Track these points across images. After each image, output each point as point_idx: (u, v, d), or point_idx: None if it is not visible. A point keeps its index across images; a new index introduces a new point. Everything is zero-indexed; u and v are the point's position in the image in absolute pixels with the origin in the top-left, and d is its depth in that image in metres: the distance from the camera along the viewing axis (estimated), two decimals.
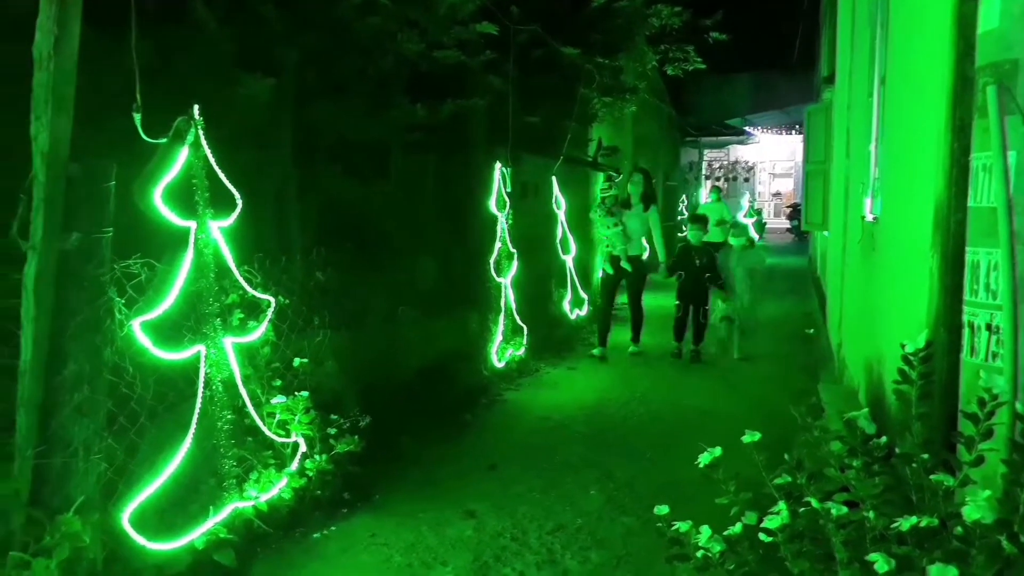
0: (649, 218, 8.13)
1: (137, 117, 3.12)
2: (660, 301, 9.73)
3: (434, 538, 3.93)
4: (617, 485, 4.61)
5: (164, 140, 3.29)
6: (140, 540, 3.12)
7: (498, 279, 7.15)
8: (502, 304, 7.23)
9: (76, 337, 2.97)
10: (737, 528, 2.09)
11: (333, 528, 4.00)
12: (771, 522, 1.88)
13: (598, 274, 9.15)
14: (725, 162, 31.95)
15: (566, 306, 9.02)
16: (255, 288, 3.92)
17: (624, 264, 7.97)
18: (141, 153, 3.29)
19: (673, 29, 10.30)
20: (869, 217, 4.76)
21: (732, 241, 8.36)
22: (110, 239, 3.07)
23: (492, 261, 7.09)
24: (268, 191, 5.59)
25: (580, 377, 7.34)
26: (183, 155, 3.37)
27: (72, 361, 2.97)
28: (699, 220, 8.38)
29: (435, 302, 6.80)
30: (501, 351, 7.13)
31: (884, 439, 2.13)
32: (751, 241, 8.54)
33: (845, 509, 1.81)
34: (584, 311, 9.34)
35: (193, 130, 3.41)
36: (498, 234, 7.16)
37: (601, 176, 8.72)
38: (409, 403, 5.56)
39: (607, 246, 8.08)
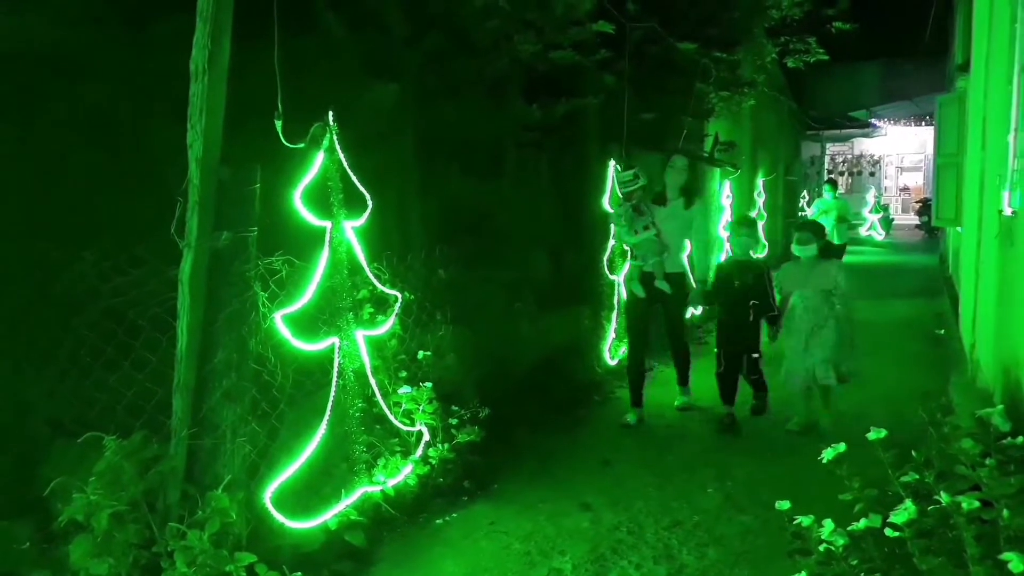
0: (692, 220, 5.82)
1: (279, 124, 3.35)
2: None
3: (551, 528, 4.02)
4: (735, 483, 4.57)
5: (302, 145, 3.51)
6: (280, 518, 3.35)
7: (611, 276, 7.18)
8: (615, 301, 7.25)
9: (225, 328, 3.23)
10: (862, 524, 2.07)
11: (454, 515, 4.16)
12: (898, 517, 1.86)
13: (621, 296, 7.09)
14: (849, 156, 30.67)
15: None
16: (383, 284, 4.12)
17: (660, 284, 5.70)
18: (281, 157, 3.54)
19: (794, 20, 10.03)
20: (1007, 211, 4.52)
21: (795, 249, 5.59)
22: (255, 238, 3.31)
23: (605, 258, 7.12)
24: (392, 191, 5.83)
25: (694, 375, 7.26)
26: (319, 159, 3.59)
27: (221, 350, 3.23)
28: (746, 224, 5.96)
29: (549, 298, 6.89)
30: (614, 349, 7.15)
31: (1020, 439, 2.06)
32: (826, 247, 5.85)
33: (977, 504, 1.78)
34: (699, 311, 9.22)
35: (328, 135, 3.62)
36: (611, 231, 7.19)
37: (621, 170, 6.15)
38: (525, 397, 5.68)
39: (634, 258, 5.95)
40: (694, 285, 5.85)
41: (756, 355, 5.67)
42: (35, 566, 3.03)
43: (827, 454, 2.29)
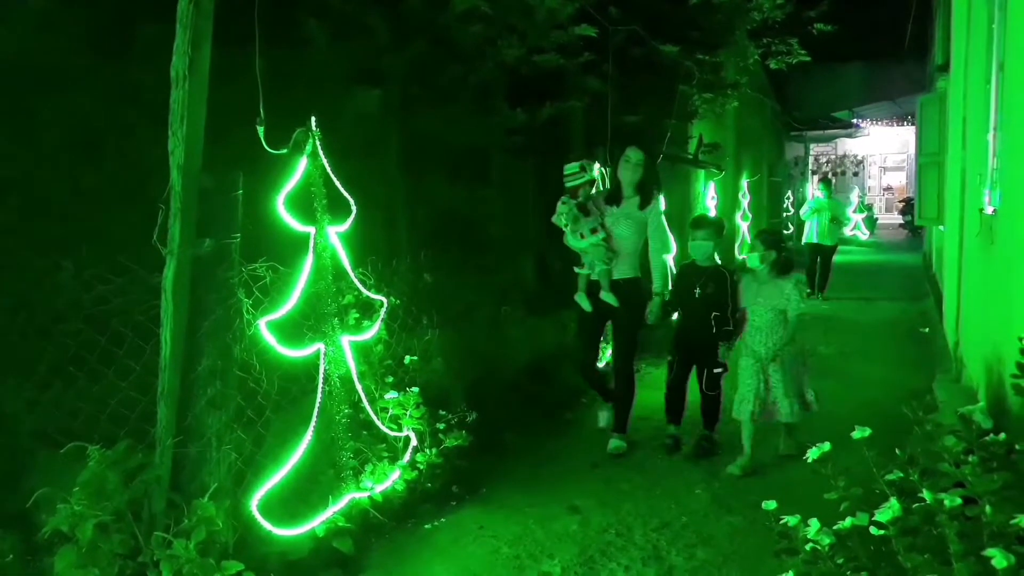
0: (648, 221, 5.06)
1: (260, 130, 3.33)
2: None
3: (541, 532, 4.02)
4: (722, 484, 4.58)
5: (284, 151, 3.50)
6: (267, 526, 3.33)
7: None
8: None
9: (209, 335, 3.22)
10: (847, 522, 2.08)
11: (443, 520, 4.15)
12: (883, 515, 1.87)
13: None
14: (832, 156, 30.87)
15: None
16: (369, 289, 4.11)
17: (605, 295, 4.99)
18: (264, 164, 3.52)
19: (775, 22, 10.09)
20: (988, 209, 4.57)
21: (749, 260, 4.98)
22: (239, 244, 3.30)
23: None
24: (377, 197, 5.82)
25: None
26: (302, 165, 3.57)
27: (206, 357, 3.22)
28: (702, 225, 5.17)
29: (536, 302, 6.90)
30: (602, 351, 7.15)
31: (1003, 436, 2.08)
32: (782, 261, 4.91)
33: (960, 501, 1.79)
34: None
35: (311, 141, 3.61)
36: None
37: (574, 165, 5.07)
38: (513, 401, 5.68)
39: (580, 265, 5.14)
40: (652, 297, 5.10)
41: (718, 370, 5.03)
42: None
43: (812, 453, 2.30)
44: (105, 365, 3.25)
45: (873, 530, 1.97)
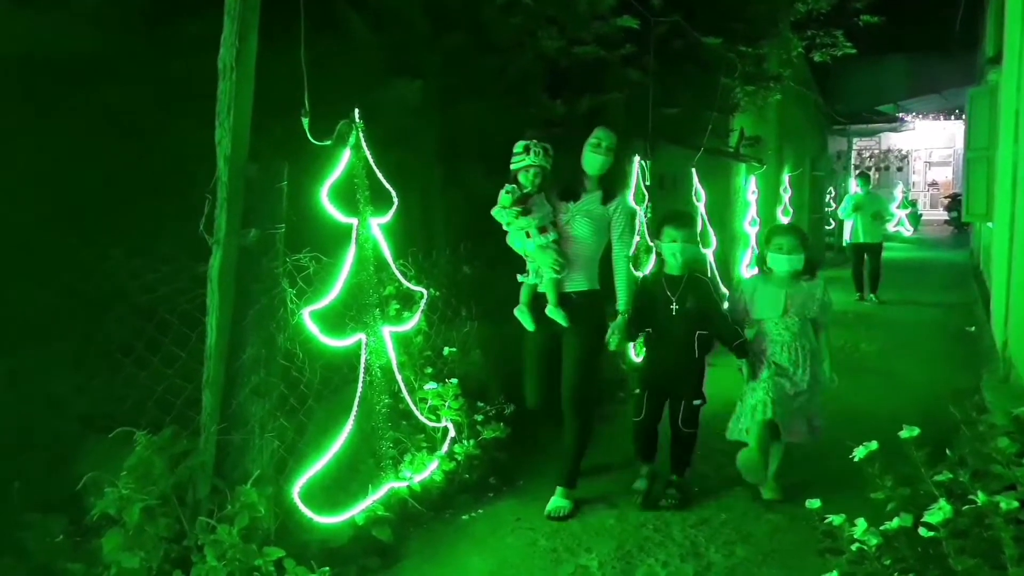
0: (613, 221, 4.13)
1: (305, 121, 3.36)
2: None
3: (577, 525, 4.01)
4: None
5: (328, 142, 3.52)
6: (308, 513, 3.37)
7: (636, 273, 7.13)
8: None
9: (254, 324, 3.26)
10: (895, 523, 2.04)
11: (480, 511, 4.16)
12: (932, 516, 1.83)
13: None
14: (876, 151, 30.30)
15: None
16: (409, 280, 4.13)
17: (552, 311, 4.03)
18: (308, 155, 3.55)
19: (820, 14, 9.91)
20: None
21: (772, 259, 4.37)
22: (283, 235, 3.33)
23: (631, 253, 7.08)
24: (416, 189, 5.84)
25: (717, 373, 7.22)
26: (345, 156, 3.60)
27: (250, 346, 3.26)
28: (678, 223, 4.26)
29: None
30: (639, 346, 7.11)
31: None
32: (810, 262, 4.36)
33: (1016, 503, 1.75)
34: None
35: (354, 132, 3.63)
36: (636, 227, 7.15)
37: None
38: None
39: (526, 273, 4.16)
40: (617, 313, 4.16)
41: (699, 401, 4.28)
42: (69, 559, 3.07)
43: (859, 452, 2.27)
44: (152, 352, 3.31)
45: (922, 531, 1.93)
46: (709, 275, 4.64)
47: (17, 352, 3.40)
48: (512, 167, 4.03)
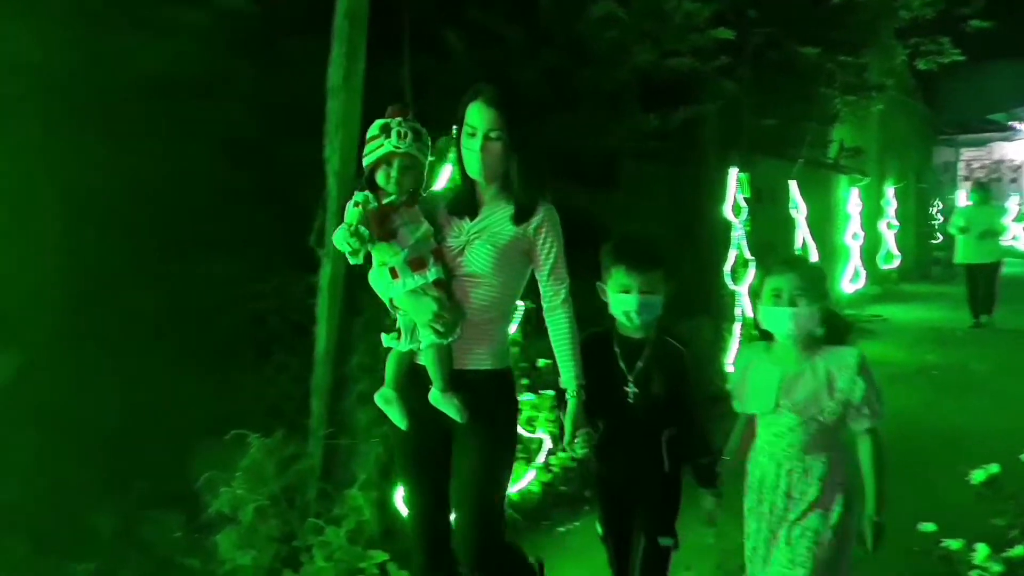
0: (536, 247, 2.56)
1: None
2: None
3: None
4: None
5: (431, 159, 3.61)
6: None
7: (733, 287, 7.03)
8: (737, 312, 7.09)
9: (360, 333, 3.38)
10: (1018, 550, 1.96)
11: (576, 523, 4.16)
12: None
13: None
14: (986, 161, 28.87)
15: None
16: None
17: (435, 398, 2.47)
18: None
19: (925, 20, 9.57)
20: None
21: (765, 314, 2.56)
22: None
23: (727, 268, 6.99)
24: None
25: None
26: (446, 171, 3.69)
27: (356, 354, 3.38)
28: (632, 256, 2.63)
29: (666, 309, 6.80)
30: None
31: None
32: (831, 321, 2.58)
33: None
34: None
35: (454, 148, 3.71)
36: (733, 241, 7.04)
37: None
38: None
39: (402, 335, 2.53)
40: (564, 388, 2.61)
41: (668, 541, 2.73)
42: (187, 554, 3.24)
43: (976, 476, 2.18)
44: (264, 359, 3.47)
45: None
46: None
47: (140, 356, 3.63)
48: (365, 160, 2.46)
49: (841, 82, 9.12)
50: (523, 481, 4.05)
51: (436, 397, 2.46)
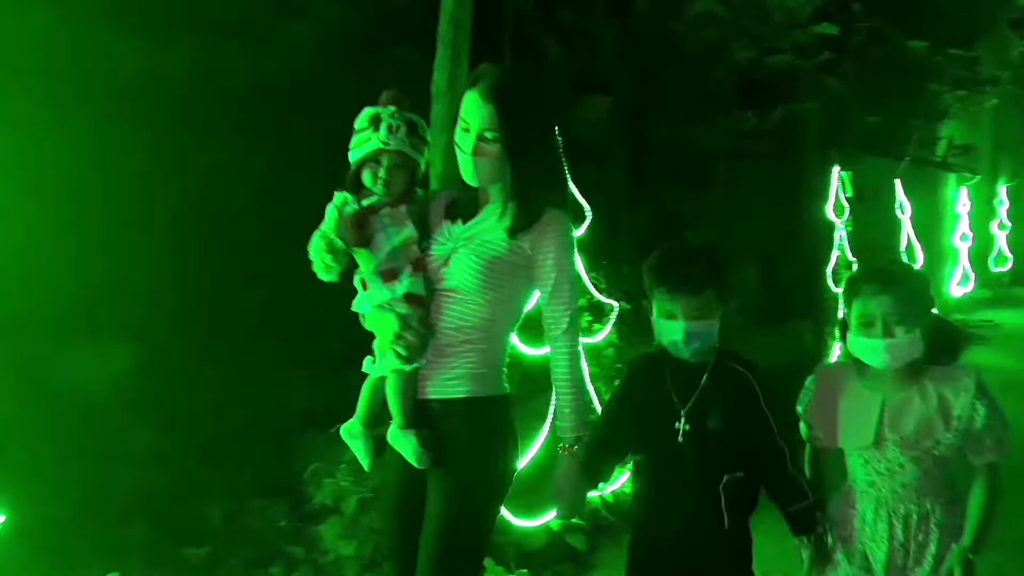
0: (537, 261, 2.06)
1: None
2: None
3: (773, 548, 3.85)
4: None
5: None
6: (507, 515, 3.49)
7: (836, 289, 6.82)
8: (840, 316, 6.88)
9: None
10: None
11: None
12: None
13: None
14: None
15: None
16: (601, 293, 4.19)
17: (395, 438, 2.04)
18: None
19: None
20: None
21: (857, 343, 2.04)
22: None
23: (829, 270, 6.79)
24: (603, 202, 5.91)
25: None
26: None
27: None
28: (675, 275, 2.05)
29: (762, 312, 6.67)
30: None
31: None
32: (940, 331, 2.06)
33: None
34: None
35: None
36: (836, 241, 6.84)
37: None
38: None
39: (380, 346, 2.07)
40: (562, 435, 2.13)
41: None
42: (291, 542, 3.37)
43: None
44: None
45: None
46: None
47: (248, 352, 3.79)
48: (351, 155, 2.08)
49: (951, 76, 8.73)
50: (617, 483, 4.02)
51: (395, 435, 2.04)
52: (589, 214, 3.95)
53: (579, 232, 3.92)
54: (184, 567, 3.26)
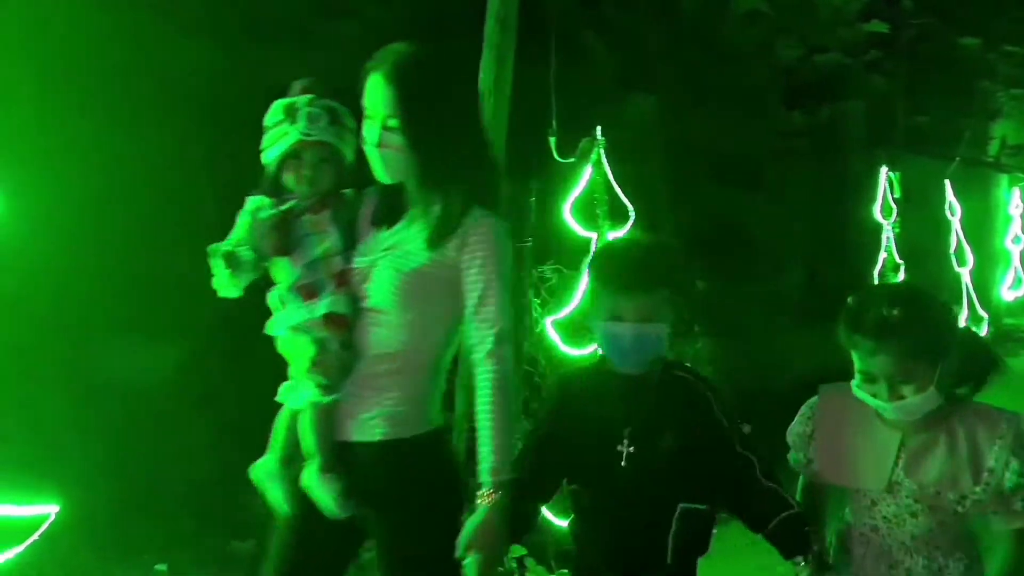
0: (463, 273, 1.73)
1: (552, 140, 3.52)
2: None
3: None
4: None
5: (573, 159, 3.66)
6: (547, 514, 3.49)
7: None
8: None
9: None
10: None
11: (713, 531, 4.08)
12: None
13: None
14: None
15: (961, 325, 8.10)
16: None
17: (310, 482, 1.74)
18: (551, 171, 3.71)
19: None
20: None
21: (862, 372, 1.66)
22: (532, 247, 3.50)
23: (876, 272, 6.67)
24: (646, 202, 5.88)
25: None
26: (587, 172, 3.71)
27: None
28: (624, 274, 1.76)
29: (806, 313, 6.57)
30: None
31: None
32: (972, 356, 1.70)
33: None
34: (984, 332, 8.27)
35: (596, 149, 3.74)
36: (883, 243, 6.72)
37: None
38: (786, 416, 5.46)
39: (295, 374, 1.83)
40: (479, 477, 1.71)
41: None
42: None
43: None
44: None
45: None
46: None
47: None
48: (265, 154, 1.83)
49: (1005, 75, 8.53)
50: None
51: (310, 478, 1.74)
52: (632, 215, 3.93)
53: (622, 232, 3.91)
54: (230, 560, 3.31)
